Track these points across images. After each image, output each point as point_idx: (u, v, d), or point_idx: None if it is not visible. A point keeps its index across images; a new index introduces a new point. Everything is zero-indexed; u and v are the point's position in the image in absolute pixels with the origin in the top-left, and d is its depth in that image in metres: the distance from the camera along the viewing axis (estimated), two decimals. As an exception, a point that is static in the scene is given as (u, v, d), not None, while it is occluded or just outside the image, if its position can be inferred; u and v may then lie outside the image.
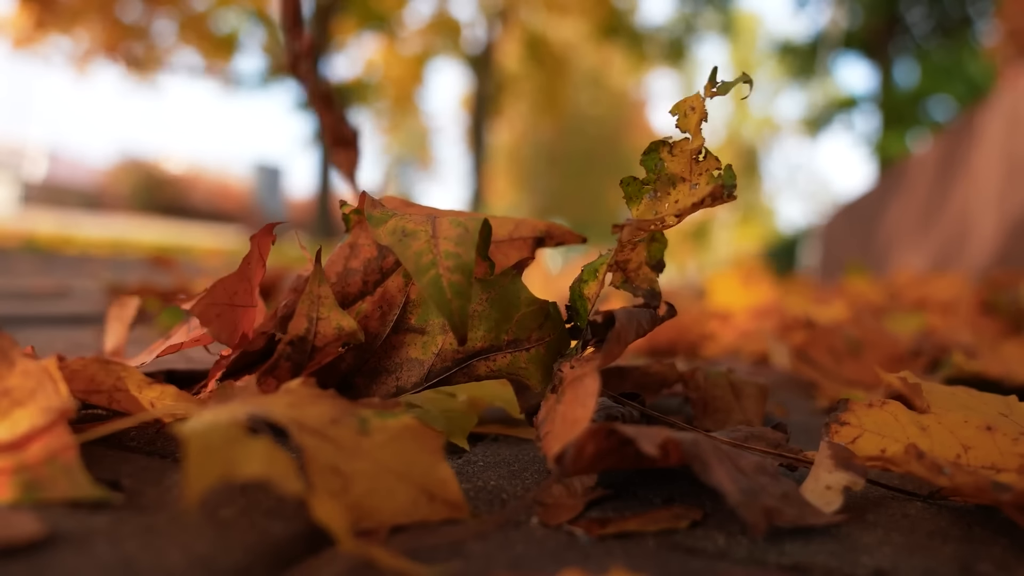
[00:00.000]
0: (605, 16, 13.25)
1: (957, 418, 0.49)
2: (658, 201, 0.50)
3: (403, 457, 0.38)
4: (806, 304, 2.17)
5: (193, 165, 26.07)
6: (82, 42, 11.29)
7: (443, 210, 0.54)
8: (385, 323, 0.53)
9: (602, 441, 0.40)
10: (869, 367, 0.92)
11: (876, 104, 13.60)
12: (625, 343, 0.49)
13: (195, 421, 0.31)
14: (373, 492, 0.36)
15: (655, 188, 0.50)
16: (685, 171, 0.49)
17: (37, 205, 19.67)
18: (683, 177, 0.49)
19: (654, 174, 0.50)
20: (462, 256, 0.42)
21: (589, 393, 0.41)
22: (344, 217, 0.53)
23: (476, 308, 0.52)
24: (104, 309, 1.56)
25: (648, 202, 0.50)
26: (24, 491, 0.36)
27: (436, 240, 0.43)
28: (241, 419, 0.33)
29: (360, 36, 13.32)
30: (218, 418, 0.32)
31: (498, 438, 0.62)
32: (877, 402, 0.50)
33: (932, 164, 4.90)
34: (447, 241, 0.43)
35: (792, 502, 0.41)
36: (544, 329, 0.52)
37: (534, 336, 0.52)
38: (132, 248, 6.38)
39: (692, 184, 0.49)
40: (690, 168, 0.49)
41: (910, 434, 0.48)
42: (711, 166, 0.48)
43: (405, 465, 0.38)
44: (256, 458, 0.31)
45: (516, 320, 0.52)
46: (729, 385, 0.67)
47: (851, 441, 0.49)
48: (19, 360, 0.41)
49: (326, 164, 12.78)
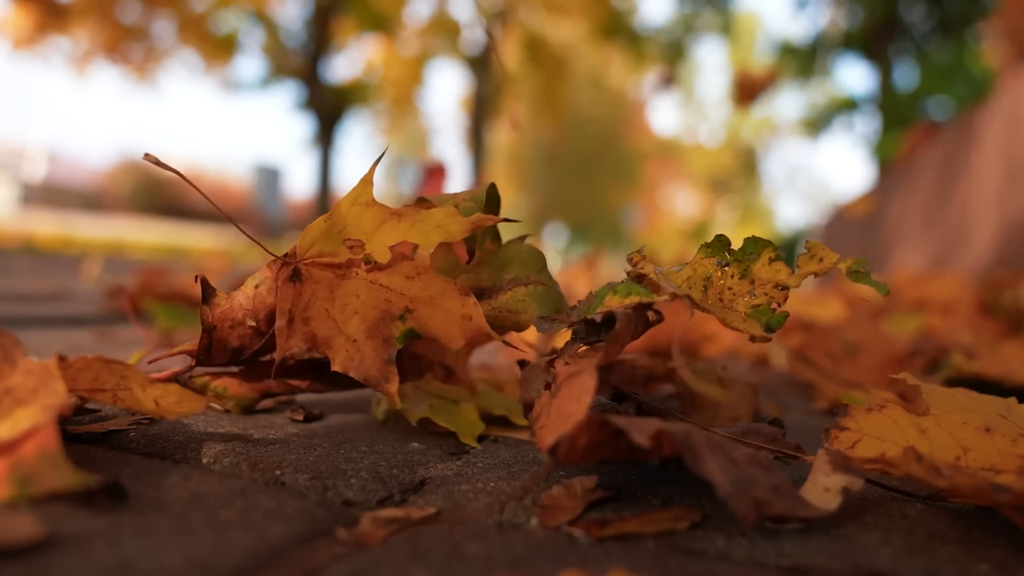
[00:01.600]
0: (604, 17, 13.24)
1: (956, 420, 0.49)
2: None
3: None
4: (804, 304, 2.17)
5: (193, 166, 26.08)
6: (81, 43, 11.28)
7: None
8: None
9: (595, 432, 0.40)
10: (867, 368, 0.92)
11: (875, 105, 13.61)
12: (623, 344, 0.49)
13: None
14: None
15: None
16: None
17: (36, 206, 19.67)
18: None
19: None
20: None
21: (585, 389, 0.41)
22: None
23: (486, 257, 0.61)
24: (103, 311, 1.56)
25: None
26: (19, 487, 0.36)
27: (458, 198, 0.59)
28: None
29: (360, 37, 13.31)
30: None
31: (497, 439, 0.62)
32: (876, 406, 0.50)
33: (933, 164, 4.90)
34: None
35: (783, 494, 0.41)
36: (543, 274, 0.61)
37: (533, 277, 0.60)
38: (132, 249, 6.38)
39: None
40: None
41: (909, 437, 0.48)
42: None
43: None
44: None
45: (520, 261, 0.60)
46: (718, 381, 0.67)
47: (850, 446, 0.49)
48: (21, 359, 0.41)
49: (325, 165, 12.79)
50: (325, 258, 0.54)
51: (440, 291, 0.54)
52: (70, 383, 0.47)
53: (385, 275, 0.54)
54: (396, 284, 0.54)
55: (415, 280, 0.54)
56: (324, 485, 0.45)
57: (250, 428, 0.58)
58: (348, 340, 0.54)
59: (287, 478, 0.46)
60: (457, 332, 0.54)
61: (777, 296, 0.51)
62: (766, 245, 0.52)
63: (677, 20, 15.15)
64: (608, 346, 0.46)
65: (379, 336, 0.54)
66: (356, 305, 0.54)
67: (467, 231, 0.53)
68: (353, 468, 0.49)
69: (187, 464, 0.49)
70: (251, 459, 0.49)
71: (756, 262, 0.52)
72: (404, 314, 0.54)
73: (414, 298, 0.54)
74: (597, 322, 0.49)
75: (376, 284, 0.54)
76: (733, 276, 0.52)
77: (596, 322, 0.49)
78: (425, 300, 0.54)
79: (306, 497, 0.44)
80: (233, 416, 0.62)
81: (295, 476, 0.46)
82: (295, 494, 0.44)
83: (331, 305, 0.54)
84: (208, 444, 0.52)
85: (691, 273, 0.53)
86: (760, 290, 0.52)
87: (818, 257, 0.50)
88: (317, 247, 0.54)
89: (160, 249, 6.81)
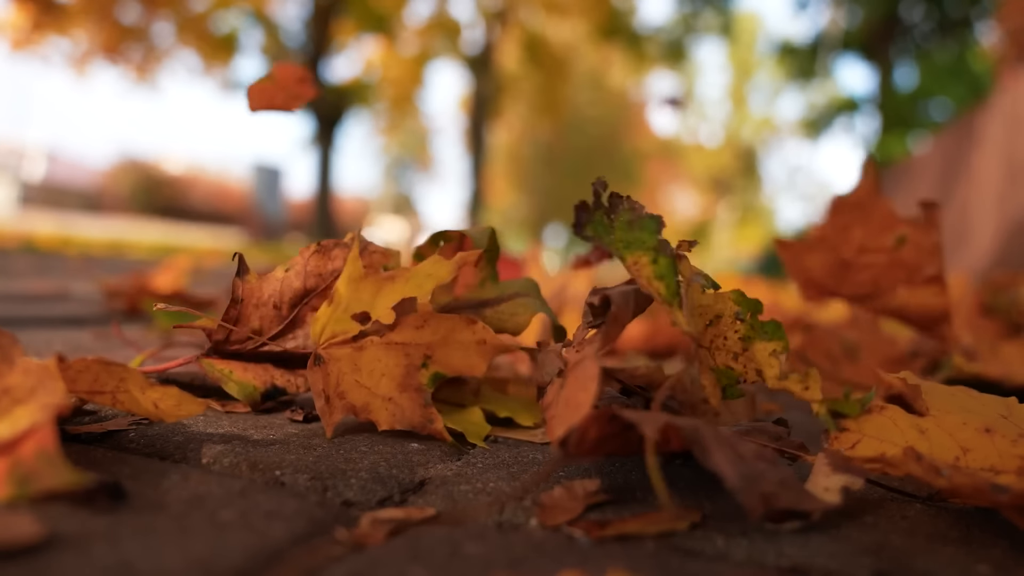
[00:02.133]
0: (604, 17, 13.23)
1: (956, 420, 0.49)
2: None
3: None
4: (806, 304, 2.17)
5: (192, 166, 26.07)
6: (81, 43, 11.27)
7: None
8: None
9: (605, 426, 0.40)
10: (867, 369, 0.92)
11: (875, 105, 13.61)
12: (623, 323, 0.49)
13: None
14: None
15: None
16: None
17: (36, 206, 19.66)
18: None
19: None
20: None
21: (590, 377, 0.42)
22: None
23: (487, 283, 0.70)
24: (103, 311, 1.56)
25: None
26: (18, 486, 0.36)
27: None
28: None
29: (360, 37, 13.30)
30: None
31: (497, 440, 0.62)
32: (876, 407, 0.50)
33: (932, 166, 4.90)
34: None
35: (790, 488, 0.41)
36: (538, 294, 0.69)
37: (532, 293, 0.68)
38: (132, 248, 6.38)
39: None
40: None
41: (909, 437, 0.48)
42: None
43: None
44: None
45: (519, 283, 0.69)
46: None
47: (850, 447, 0.49)
48: (20, 358, 0.41)
49: (325, 165, 12.78)
50: (339, 337, 0.58)
51: (449, 328, 0.58)
52: (70, 384, 0.47)
53: (396, 334, 0.58)
54: (408, 337, 0.58)
55: (424, 328, 0.58)
56: (324, 485, 0.45)
57: (250, 428, 0.58)
58: (384, 400, 0.57)
59: (287, 478, 0.46)
60: (477, 359, 0.58)
61: (751, 377, 0.53)
62: (781, 340, 0.52)
63: (677, 20, 15.16)
64: (607, 328, 0.47)
65: (411, 387, 0.58)
66: (381, 368, 0.58)
67: (454, 272, 0.57)
68: (353, 468, 0.49)
69: (187, 464, 0.49)
70: (251, 459, 0.49)
71: (761, 342, 0.53)
72: (426, 362, 0.58)
73: (429, 344, 0.58)
74: (596, 305, 0.49)
75: (392, 344, 0.58)
76: (736, 332, 0.53)
77: (596, 305, 0.49)
78: (439, 342, 0.58)
79: (306, 497, 0.44)
80: (233, 416, 0.62)
81: (295, 476, 0.46)
82: (295, 494, 0.44)
83: (359, 375, 0.58)
84: (208, 444, 0.52)
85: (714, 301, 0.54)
86: (742, 361, 0.53)
87: (804, 384, 0.51)
88: (329, 330, 0.58)
89: (159, 249, 6.81)
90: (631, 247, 0.52)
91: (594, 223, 0.52)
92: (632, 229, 0.52)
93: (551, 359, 0.53)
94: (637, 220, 0.52)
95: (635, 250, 0.51)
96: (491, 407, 0.66)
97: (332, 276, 0.64)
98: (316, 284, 0.64)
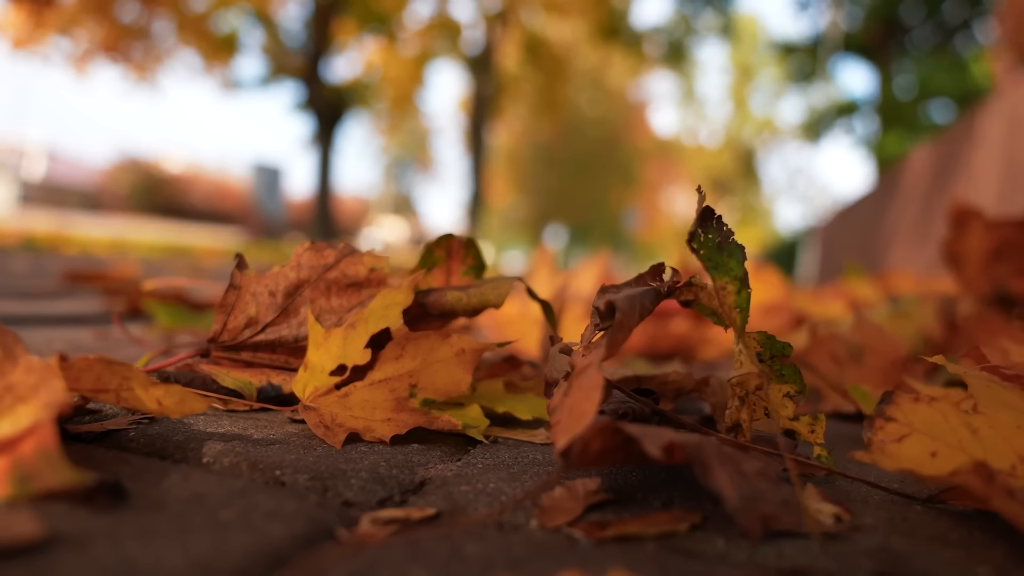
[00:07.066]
0: (604, 17, 13.23)
1: (1009, 422, 0.46)
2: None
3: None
4: (807, 305, 2.17)
5: (192, 165, 26.05)
6: (81, 42, 11.26)
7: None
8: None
9: (608, 438, 0.40)
10: (872, 371, 0.92)
11: (875, 107, 13.62)
12: (629, 329, 0.49)
13: None
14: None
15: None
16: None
17: (36, 205, 19.65)
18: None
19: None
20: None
21: (594, 386, 0.41)
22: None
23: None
24: (103, 310, 1.56)
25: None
26: (18, 485, 0.36)
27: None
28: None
29: (360, 37, 13.29)
30: None
31: (497, 440, 0.62)
32: (924, 397, 0.47)
33: (931, 167, 4.90)
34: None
35: (791, 509, 0.41)
36: (512, 280, 0.71)
37: (506, 278, 0.71)
38: (131, 248, 6.38)
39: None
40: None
41: (961, 437, 0.46)
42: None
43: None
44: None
45: (494, 276, 0.73)
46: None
47: (898, 439, 0.46)
48: (22, 356, 0.41)
49: (325, 165, 12.78)
50: (322, 390, 0.59)
51: (428, 349, 0.59)
52: (73, 383, 0.47)
53: (377, 372, 0.59)
54: (390, 372, 0.59)
55: (403, 357, 0.59)
56: (324, 485, 0.45)
57: (250, 428, 0.58)
58: (385, 422, 0.58)
59: (287, 478, 0.46)
60: (460, 373, 0.59)
61: (758, 416, 0.54)
62: (795, 384, 0.53)
63: (677, 21, 15.16)
64: (613, 334, 0.46)
65: (406, 409, 0.58)
66: (372, 404, 0.59)
67: (408, 301, 0.59)
68: (353, 468, 0.49)
69: (187, 464, 0.49)
70: (251, 459, 0.49)
71: (776, 384, 0.53)
72: (412, 391, 0.59)
73: (411, 372, 0.59)
74: (603, 310, 0.49)
75: (375, 383, 0.59)
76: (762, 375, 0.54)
77: (602, 310, 0.49)
78: (420, 367, 0.59)
79: (306, 497, 0.44)
80: (233, 415, 0.62)
81: (295, 476, 0.46)
82: (295, 494, 0.44)
83: (354, 412, 0.58)
84: (208, 444, 0.52)
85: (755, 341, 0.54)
86: (752, 399, 0.54)
87: (811, 427, 0.53)
88: (311, 386, 0.59)
89: (159, 248, 6.81)
90: (720, 270, 0.51)
91: (703, 235, 0.50)
92: (721, 252, 0.51)
93: (562, 358, 0.52)
94: (726, 244, 0.51)
95: (723, 275, 0.51)
96: (489, 404, 0.66)
97: (324, 269, 0.67)
98: (309, 276, 0.68)
